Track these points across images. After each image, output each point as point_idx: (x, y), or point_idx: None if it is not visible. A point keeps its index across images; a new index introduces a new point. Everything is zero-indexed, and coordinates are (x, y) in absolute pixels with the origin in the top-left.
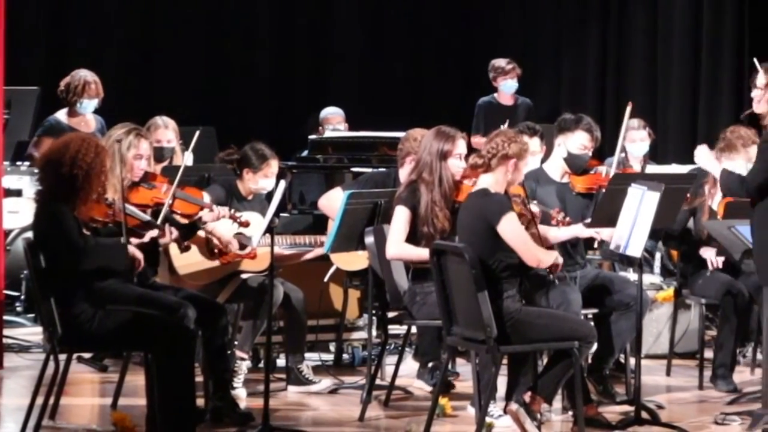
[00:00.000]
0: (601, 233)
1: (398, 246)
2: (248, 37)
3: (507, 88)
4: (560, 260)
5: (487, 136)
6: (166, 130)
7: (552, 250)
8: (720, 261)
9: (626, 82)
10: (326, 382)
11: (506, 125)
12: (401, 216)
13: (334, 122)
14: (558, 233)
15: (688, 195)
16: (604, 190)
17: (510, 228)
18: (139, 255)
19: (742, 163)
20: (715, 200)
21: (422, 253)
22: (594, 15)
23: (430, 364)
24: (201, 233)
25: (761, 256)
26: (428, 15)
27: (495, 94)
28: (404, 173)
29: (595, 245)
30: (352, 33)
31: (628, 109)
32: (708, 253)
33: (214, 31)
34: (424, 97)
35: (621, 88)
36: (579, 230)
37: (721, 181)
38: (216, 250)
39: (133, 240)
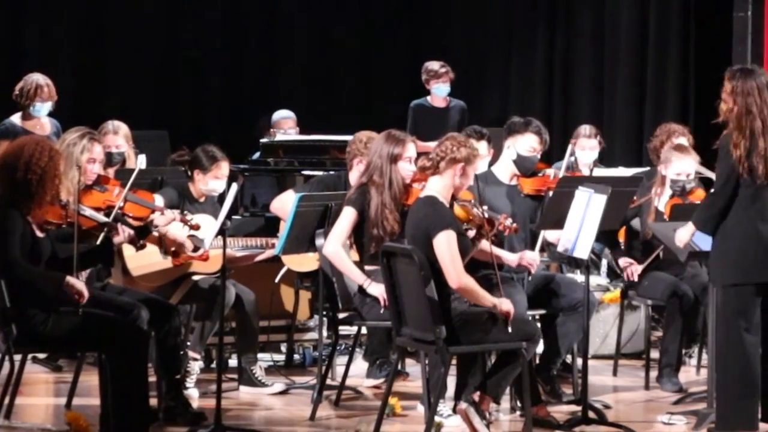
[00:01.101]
0: (548, 236)
1: (335, 246)
2: (200, 41)
3: (439, 92)
4: (509, 307)
5: (423, 139)
6: (115, 135)
7: (498, 298)
8: (635, 274)
9: (573, 86)
10: (278, 385)
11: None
12: (347, 217)
13: (285, 126)
14: (500, 254)
15: (635, 197)
16: (551, 193)
17: (444, 245)
18: (81, 287)
19: (692, 163)
20: (662, 201)
21: (351, 269)
22: (541, 19)
23: (379, 363)
24: (154, 234)
25: (714, 259)
26: (376, 19)
27: (428, 97)
28: (353, 176)
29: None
30: (301, 37)
31: (570, 146)
32: (627, 266)
33: (166, 36)
34: (372, 101)
35: (568, 92)
36: (513, 260)
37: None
38: (172, 248)
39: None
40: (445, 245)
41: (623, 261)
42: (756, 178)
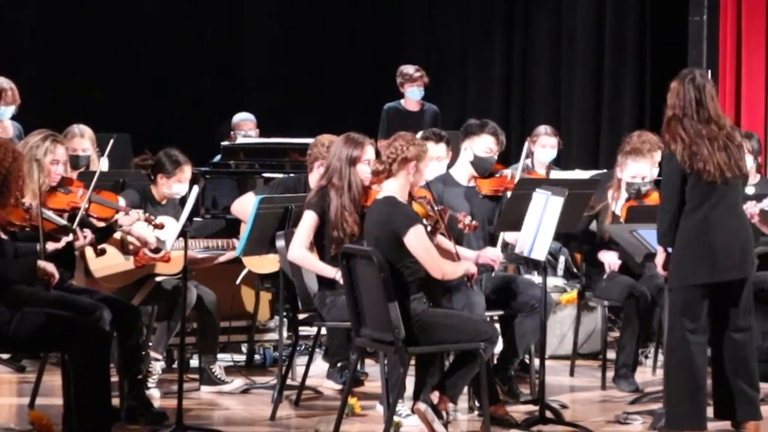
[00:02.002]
0: (506, 238)
1: (300, 250)
2: (161, 45)
3: (413, 95)
4: (473, 269)
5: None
6: (81, 138)
7: (462, 261)
8: (617, 265)
9: (530, 90)
10: (238, 382)
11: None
12: (308, 220)
13: (245, 128)
14: (460, 252)
15: (592, 199)
16: (509, 195)
17: (416, 241)
18: (52, 269)
19: (647, 166)
20: (618, 204)
21: (320, 266)
22: (499, 23)
23: (339, 364)
24: (116, 236)
25: (674, 260)
26: (336, 22)
27: (401, 100)
28: (313, 178)
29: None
30: (261, 40)
31: (526, 145)
32: (606, 257)
33: (128, 40)
34: (332, 104)
35: (526, 96)
36: (468, 266)
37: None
38: (131, 247)
39: (49, 246)
40: (417, 240)
41: (602, 254)
42: (700, 179)
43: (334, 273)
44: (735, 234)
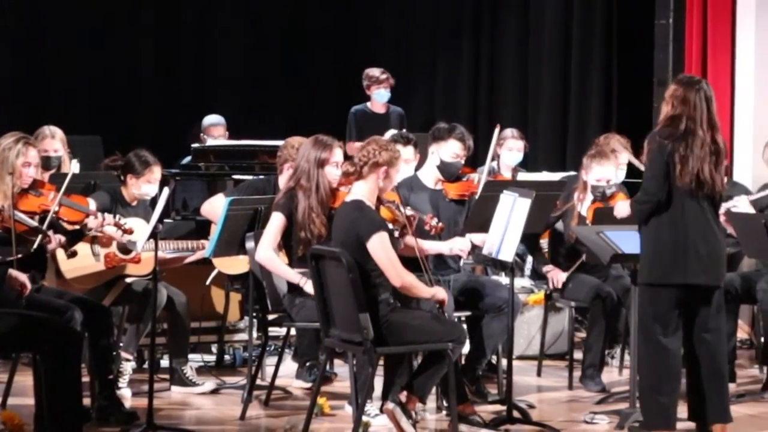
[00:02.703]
0: (474, 240)
1: (267, 251)
2: (132, 48)
3: (380, 97)
4: (442, 295)
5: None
6: (53, 140)
7: (433, 288)
8: (560, 282)
9: (498, 93)
10: (209, 384)
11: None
12: (276, 222)
13: (215, 134)
14: (431, 246)
15: (558, 201)
16: (477, 197)
17: (379, 247)
18: (23, 279)
19: (611, 169)
20: (584, 206)
21: (284, 269)
22: (467, 26)
23: (308, 364)
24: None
25: (647, 259)
26: (305, 24)
27: (368, 103)
28: (283, 180)
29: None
30: (232, 43)
31: (497, 131)
32: (552, 273)
33: (99, 42)
34: (302, 106)
35: (493, 99)
36: (444, 248)
37: (633, 209)
38: (106, 248)
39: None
40: (380, 247)
41: (547, 268)
42: (679, 181)
43: (298, 279)
44: (710, 239)
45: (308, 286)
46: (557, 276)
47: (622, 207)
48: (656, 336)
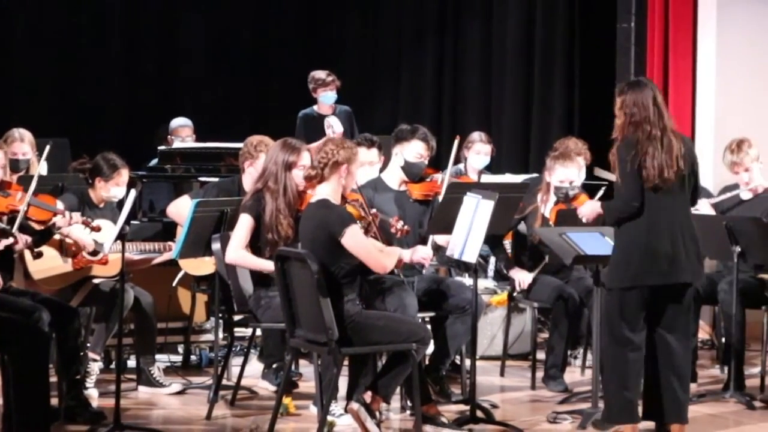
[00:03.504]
0: (438, 241)
1: (237, 252)
2: (99, 51)
3: (326, 99)
4: (404, 255)
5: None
6: (21, 143)
7: (392, 248)
8: (526, 283)
9: (462, 96)
10: (176, 386)
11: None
12: (244, 223)
13: (183, 135)
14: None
15: (521, 203)
16: (440, 199)
17: (354, 240)
18: None
19: (575, 170)
20: (547, 207)
21: (258, 262)
22: (430, 29)
23: (274, 365)
24: (55, 238)
25: (614, 261)
26: (271, 27)
27: (315, 106)
28: (247, 180)
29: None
30: (198, 47)
31: (456, 141)
32: (519, 275)
33: (65, 44)
34: (268, 109)
35: (457, 102)
36: (405, 255)
37: (606, 215)
38: (73, 249)
39: None
40: (355, 240)
41: (512, 271)
42: (648, 182)
43: (273, 267)
44: (682, 239)
45: None
46: (522, 277)
47: (588, 208)
48: (623, 332)
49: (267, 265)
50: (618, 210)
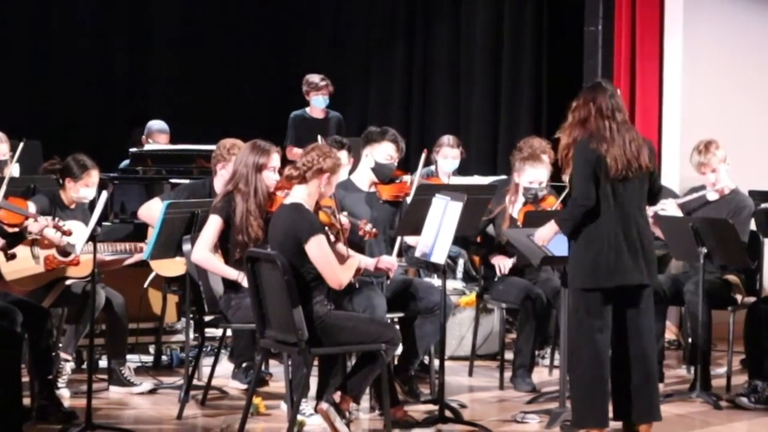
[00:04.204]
0: (407, 241)
1: (204, 252)
2: (71, 54)
3: (318, 103)
4: (362, 265)
5: (303, 149)
6: (0, 143)
7: (351, 258)
8: (507, 268)
9: (430, 98)
10: (147, 385)
11: (321, 140)
12: (213, 224)
13: (160, 140)
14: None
15: (490, 204)
16: (409, 200)
17: (317, 250)
18: None
19: (544, 171)
20: (516, 208)
21: (221, 268)
22: (400, 32)
23: (244, 365)
24: (28, 239)
25: (571, 262)
26: (243, 30)
27: (307, 108)
28: (218, 182)
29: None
30: (169, 47)
31: (423, 155)
32: (497, 260)
33: (37, 46)
34: (239, 112)
35: (426, 103)
36: (371, 264)
37: (560, 225)
38: (45, 252)
39: None
40: (318, 250)
41: (494, 258)
42: (611, 177)
43: (236, 275)
44: (642, 239)
45: (247, 281)
46: (503, 262)
47: (545, 232)
48: (591, 332)
49: (229, 272)
50: (570, 214)
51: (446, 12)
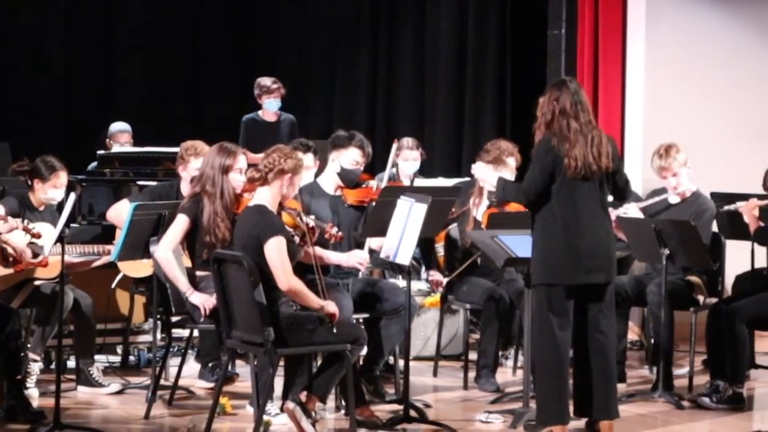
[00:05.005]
0: (371, 244)
1: (166, 251)
2: (39, 57)
3: (270, 106)
4: (333, 309)
5: (254, 152)
6: None
7: (326, 301)
8: (441, 287)
9: (395, 101)
10: (115, 386)
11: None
12: (179, 224)
13: (121, 140)
14: (330, 256)
15: (454, 206)
16: (374, 202)
17: (274, 250)
18: None
19: (507, 174)
20: (480, 210)
21: (176, 275)
22: (365, 36)
23: (210, 365)
24: None
25: (540, 259)
26: (208, 33)
27: (259, 111)
28: (185, 184)
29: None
30: (136, 50)
31: (395, 145)
32: (432, 277)
33: (6, 52)
34: (205, 115)
35: (391, 106)
36: (343, 259)
37: (498, 187)
38: (11, 259)
39: None
40: (275, 250)
41: (432, 275)
42: (570, 175)
43: (186, 288)
44: (601, 238)
45: (194, 297)
46: (437, 279)
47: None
48: (553, 329)
49: (181, 283)
50: (512, 193)
51: (410, 15)
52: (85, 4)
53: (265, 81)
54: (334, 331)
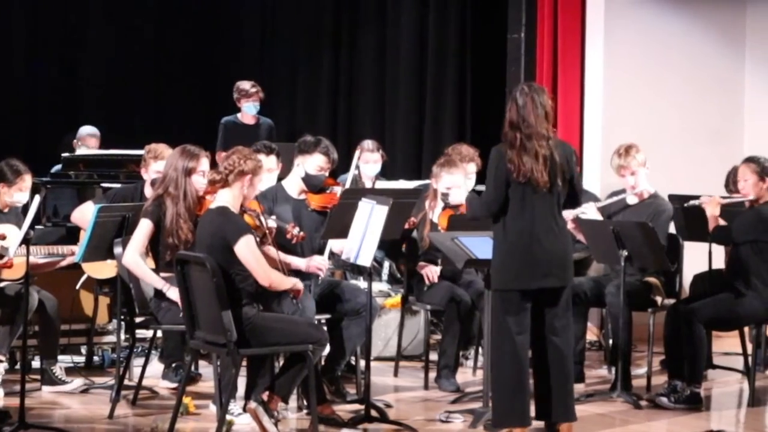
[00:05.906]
0: (333, 247)
1: (134, 256)
2: (2, 60)
3: (249, 110)
4: (300, 286)
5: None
6: None
7: (291, 277)
8: (436, 276)
9: (357, 104)
10: (78, 383)
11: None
12: (143, 228)
13: (89, 144)
14: (289, 260)
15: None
16: (336, 204)
17: (246, 250)
18: None
19: (460, 177)
20: (435, 213)
21: (149, 275)
22: (327, 41)
23: (174, 365)
24: None
25: (497, 264)
26: (172, 36)
27: (238, 114)
28: (147, 186)
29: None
30: (102, 53)
31: (357, 152)
32: (426, 270)
33: None
34: (168, 117)
35: (352, 109)
36: (302, 264)
37: (466, 205)
38: None
39: None
40: (248, 250)
41: (420, 264)
42: (524, 184)
43: (162, 285)
44: (556, 242)
45: (171, 292)
46: (431, 270)
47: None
48: (511, 333)
49: (156, 281)
50: (478, 209)
51: (371, 19)
52: (48, 5)
53: (244, 85)
54: (299, 306)
